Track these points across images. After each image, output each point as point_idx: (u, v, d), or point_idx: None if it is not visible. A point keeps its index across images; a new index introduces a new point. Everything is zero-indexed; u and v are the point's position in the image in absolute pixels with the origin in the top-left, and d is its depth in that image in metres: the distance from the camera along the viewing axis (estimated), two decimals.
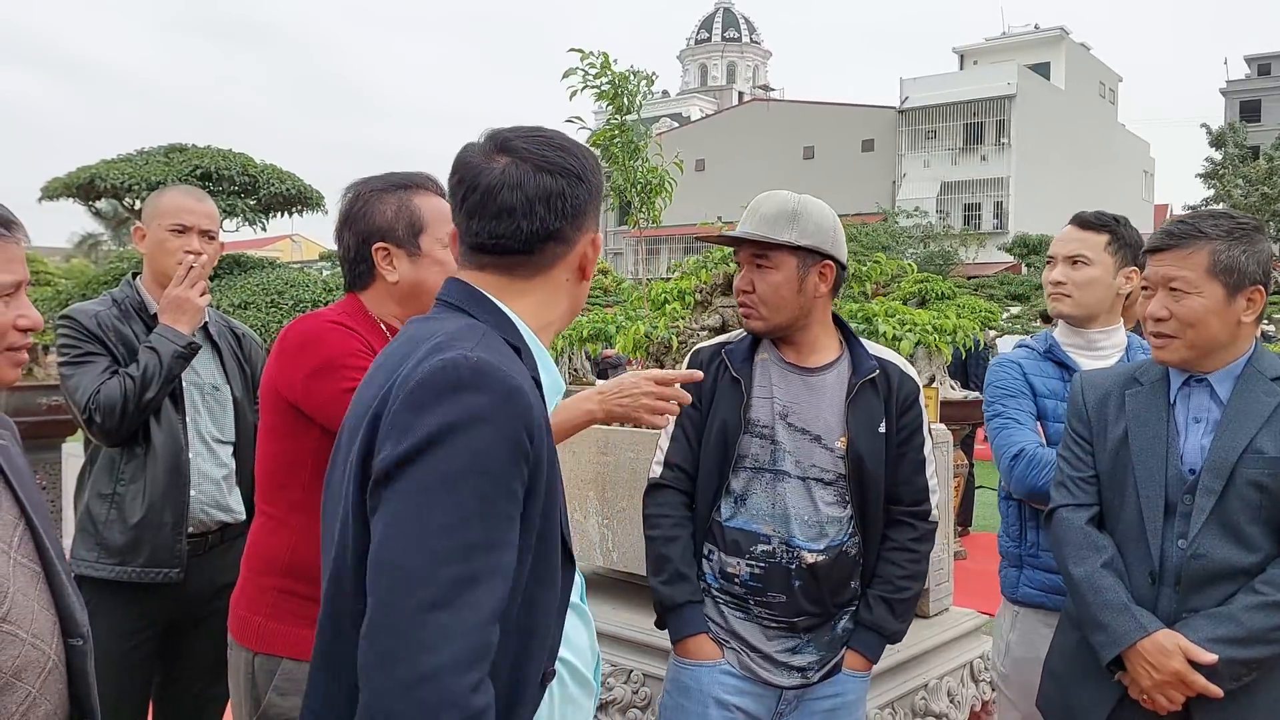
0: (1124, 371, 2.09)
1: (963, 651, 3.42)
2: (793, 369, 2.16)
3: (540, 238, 1.27)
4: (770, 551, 2.10)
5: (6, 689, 1.31)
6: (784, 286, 2.08)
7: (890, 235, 31.97)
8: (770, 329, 2.13)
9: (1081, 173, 45.10)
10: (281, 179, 5.67)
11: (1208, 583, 1.84)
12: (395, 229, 1.89)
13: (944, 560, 3.51)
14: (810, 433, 2.11)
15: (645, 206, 4.11)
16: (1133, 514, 1.93)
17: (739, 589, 2.12)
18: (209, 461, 2.56)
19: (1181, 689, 1.80)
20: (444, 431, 1.07)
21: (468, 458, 1.07)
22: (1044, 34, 48.89)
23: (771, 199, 2.14)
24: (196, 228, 2.57)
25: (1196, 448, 1.90)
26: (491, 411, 1.09)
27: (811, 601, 2.10)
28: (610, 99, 4.62)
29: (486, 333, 1.22)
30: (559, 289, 1.33)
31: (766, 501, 2.11)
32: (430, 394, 1.10)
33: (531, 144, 1.28)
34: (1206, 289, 1.85)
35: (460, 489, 1.07)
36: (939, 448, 3.55)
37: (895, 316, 3.20)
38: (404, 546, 1.06)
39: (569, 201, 1.27)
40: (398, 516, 1.07)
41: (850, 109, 48.20)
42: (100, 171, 5.29)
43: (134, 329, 2.49)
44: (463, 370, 1.11)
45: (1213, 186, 31.49)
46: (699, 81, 74.87)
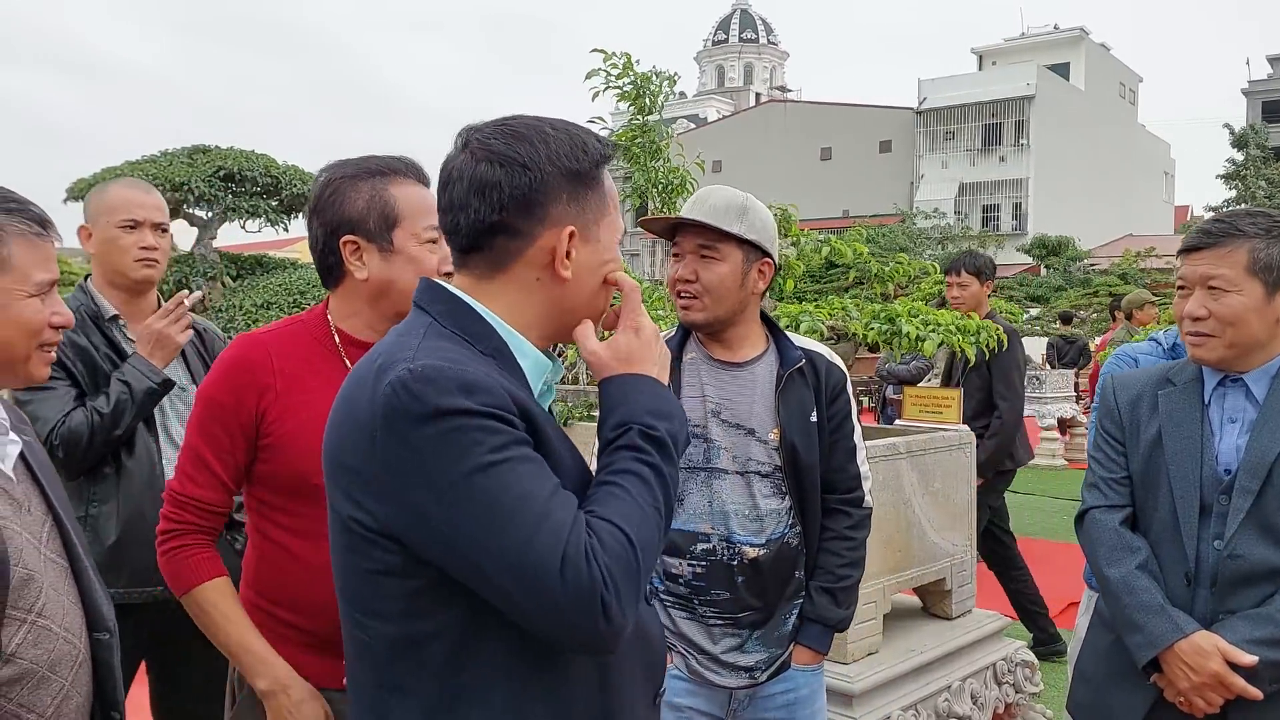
0: (1156, 372, 2.07)
1: (986, 653, 3.40)
2: (721, 365, 2.16)
3: (481, 231, 1.20)
4: (710, 549, 2.10)
5: (43, 682, 1.34)
6: (729, 278, 2.08)
7: (908, 236, 31.85)
8: (709, 320, 2.11)
9: (1101, 174, 44.82)
10: (303, 179, 5.71)
11: (1244, 583, 1.82)
12: (366, 221, 1.70)
13: (967, 562, 3.49)
14: (744, 427, 2.12)
15: (666, 207, 4.10)
16: (1167, 515, 1.92)
17: (683, 589, 2.13)
18: None
19: (1220, 691, 1.78)
20: (422, 450, 1.08)
21: (472, 459, 1.07)
22: (1063, 34, 48.63)
23: (720, 192, 2.14)
24: (148, 221, 2.43)
25: (1232, 448, 1.88)
26: (454, 407, 1.08)
27: (756, 596, 2.10)
28: (632, 100, 4.63)
29: (429, 328, 1.19)
30: (528, 289, 1.24)
31: (703, 500, 2.11)
32: (393, 419, 1.09)
33: (486, 135, 1.21)
34: (1246, 287, 1.84)
35: (477, 478, 1.07)
36: (962, 449, 3.54)
37: (919, 317, 3.19)
38: (472, 547, 1.08)
39: (506, 192, 1.18)
40: (449, 532, 1.09)
41: (868, 110, 48.08)
42: (124, 172, 5.35)
43: (91, 340, 2.36)
44: (412, 385, 1.08)
45: (1234, 187, 31.21)
46: (716, 83, 74.84)
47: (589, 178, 1.25)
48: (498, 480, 1.08)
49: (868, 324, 3.16)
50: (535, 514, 1.07)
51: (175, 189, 5.28)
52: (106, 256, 2.40)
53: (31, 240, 1.44)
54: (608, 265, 1.29)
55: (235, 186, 5.46)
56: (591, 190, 1.25)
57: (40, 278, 1.45)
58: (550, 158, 1.21)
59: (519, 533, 1.06)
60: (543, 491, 1.09)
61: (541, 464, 1.12)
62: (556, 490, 1.11)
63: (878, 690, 2.92)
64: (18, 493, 1.40)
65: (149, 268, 2.43)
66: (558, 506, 1.09)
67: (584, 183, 1.24)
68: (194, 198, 5.27)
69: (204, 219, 5.67)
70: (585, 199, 1.24)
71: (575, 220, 1.23)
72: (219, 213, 5.57)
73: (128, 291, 2.44)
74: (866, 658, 3.02)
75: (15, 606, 1.29)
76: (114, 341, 2.37)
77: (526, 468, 1.10)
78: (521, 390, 1.18)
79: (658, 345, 1.29)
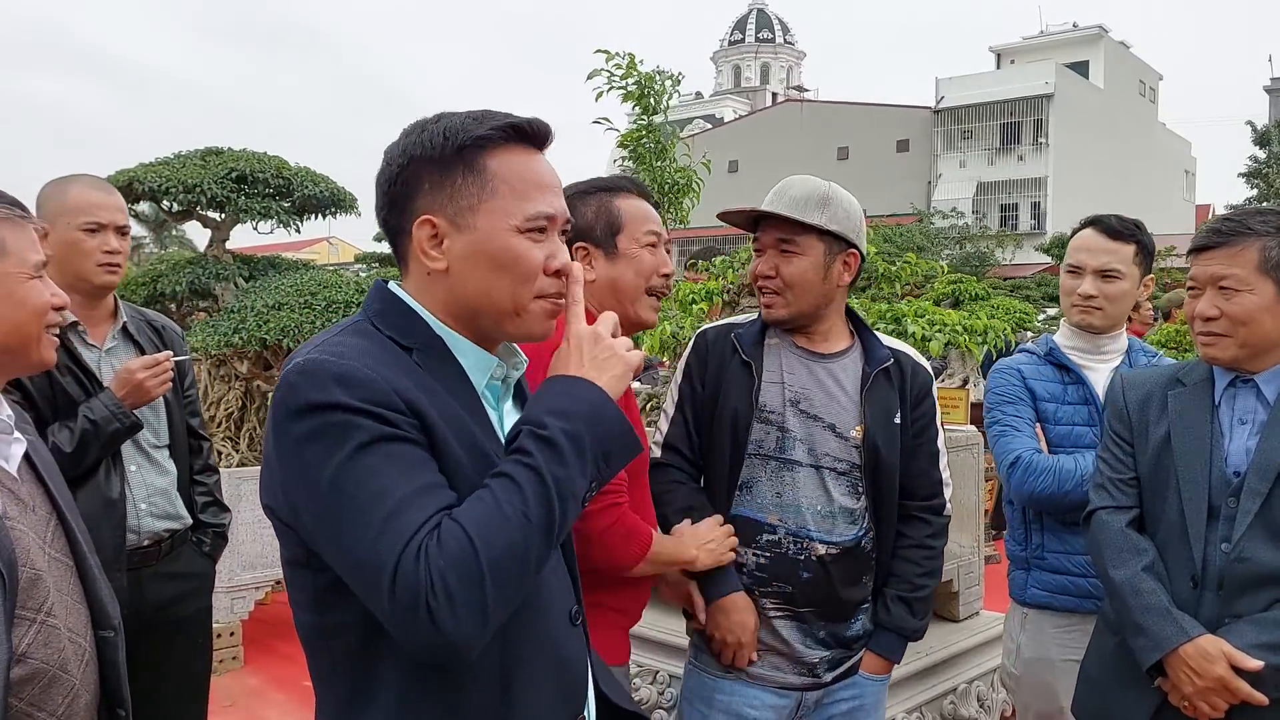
0: (1167, 372, 2.05)
1: (993, 655, 3.38)
2: (805, 354, 2.09)
3: (384, 230, 1.24)
4: (776, 541, 2.04)
5: (54, 681, 1.34)
6: (810, 272, 2.02)
7: (925, 236, 31.66)
8: (791, 317, 2.06)
9: (1121, 173, 44.42)
10: (315, 181, 5.73)
11: (1251, 587, 1.80)
12: (594, 229, 1.93)
13: (974, 564, 3.47)
14: (824, 420, 2.05)
15: (672, 207, 4.10)
16: (1174, 516, 1.89)
17: (745, 579, 2.06)
18: (152, 472, 2.45)
19: (1225, 696, 1.75)
20: (298, 442, 1.08)
21: (331, 444, 1.06)
22: (1082, 32, 48.22)
23: (801, 182, 2.06)
24: (112, 224, 2.34)
25: (1242, 450, 1.85)
26: (326, 400, 1.07)
27: (821, 595, 2.04)
28: (636, 100, 4.63)
29: (351, 325, 1.20)
30: (424, 282, 1.22)
31: (771, 490, 2.05)
32: (276, 414, 1.11)
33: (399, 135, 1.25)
34: (1258, 286, 1.82)
35: (343, 470, 1.06)
36: (969, 450, 3.52)
37: (925, 317, 3.17)
38: (337, 538, 1.07)
39: (382, 188, 1.22)
40: (315, 524, 1.08)
41: (885, 109, 47.83)
42: (138, 175, 5.38)
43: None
44: (291, 377, 1.10)
45: (1256, 185, 30.86)
46: (732, 82, 74.69)
47: (454, 162, 1.18)
48: (354, 476, 1.05)
49: (873, 324, 3.15)
50: (386, 512, 1.05)
51: (188, 191, 5.31)
52: (67, 260, 2.30)
53: (17, 223, 1.45)
54: (503, 250, 1.18)
55: (247, 188, 5.49)
56: (463, 175, 1.18)
57: (34, 259, 1.47)
58: (406, 148, 1.20)
59: (365, 531, 1.04)
60: (402, 490, 1.06)
61: (415, 463, 1.08)
62: (424, 490, 1.07)
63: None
64: (23, 492, 1.41)
65: (111, 273, 2.37)
66: (413, 507, 1.05)
67: (448, 167, 1.18)
68: (206, 199, 5.31)
69: (216, 221, 5.70)
70: (453, 185, 1.18)
71: (439, 209, 1.18)
72: (231, 214, 5.60)
73: (86, 296, 2.37)
74: None
75: (24, 607, 1.30)
76: (73, 351, 2.30)
77: (392, 465, 1.06)
78: (438, 385, 1.15)
79: (594, 346, 1.22)
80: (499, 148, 1.19)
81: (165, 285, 5.40)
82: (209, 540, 2.60)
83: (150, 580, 2.40)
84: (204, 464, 2.65)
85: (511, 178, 1.19)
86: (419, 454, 1.09)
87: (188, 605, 2.52)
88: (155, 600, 2.41)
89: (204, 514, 2.60)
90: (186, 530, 2.53)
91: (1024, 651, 2.46)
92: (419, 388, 1.12)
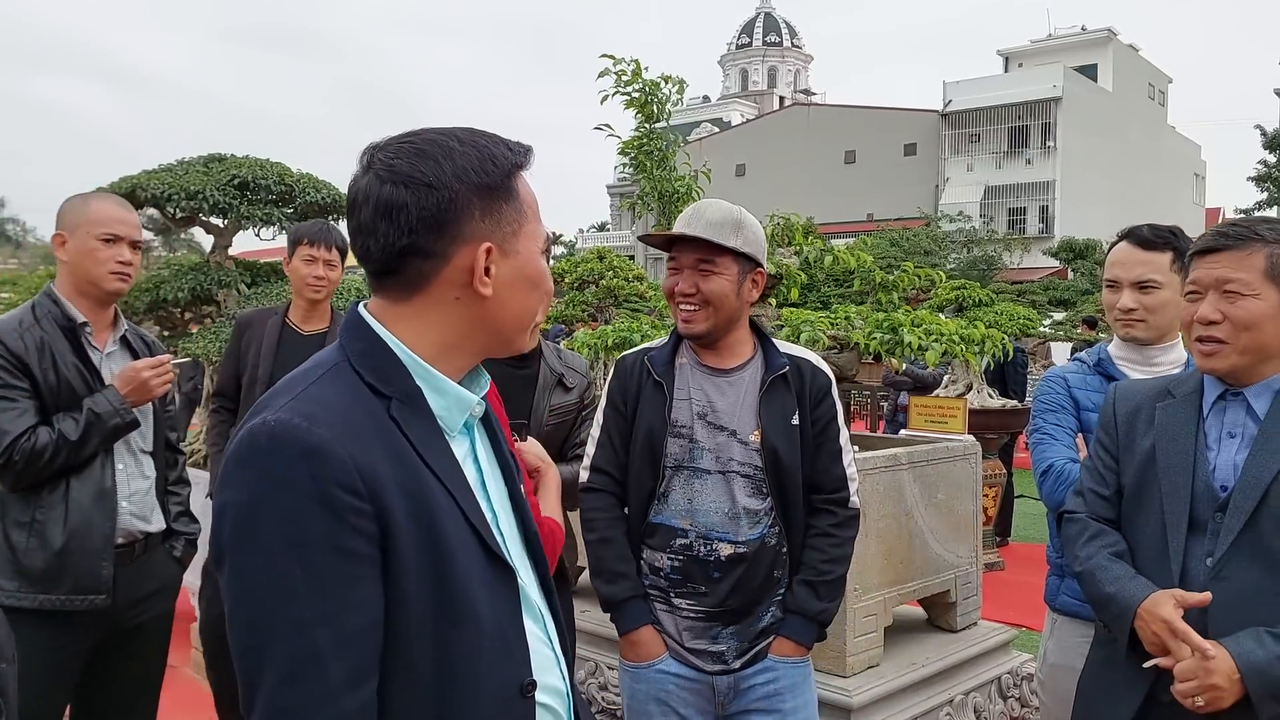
0: (1159, 384, 2.03)
1: (990, 666, 3.37)
2: (710, 370, 2.26)
3: (392, 255, 1.15)
4: (688, 545, 2.21)
5: None
6: (728, 289, 2.18)
7: (932, 240, 31.62)
8: (708, 331, 2.21)
9: (1130, 176, 44.31)
10: (317, 187, 5.73)
11: (1235, 606, 1.76)
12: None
13: (971, 574, 3.45)
14: (727, 429, 2.21)
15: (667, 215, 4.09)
16: (1155, 529, 1.87)
17: (663, 581, 2.24)
18: (136, 475, 2.56)
19: (1170, 640, 1.72)
20: (245, 509, 1.05)
21: (276, 531, 1.03)
22: (1091, 35, 48.08)
23: (715, 207, 2.24)
24: (128, 238, 2.53)
25: (1229, 464, 1.82)
26: (287, 477, 1.03)
27: (732, 593, 2.18)
28: (640, 107, 4.62)
29: (329, 371, 1.15)
30: (447, 309, 1.19)
31: (684, 498, 2.22)
32: (235, 468, 1.07)
33: (390, 152, 1.16)
34: (1264, 292, 1.78)
35: (278, 564, 1.03)
36: (966, 459, 3.51)
37: (921, 326, 3.16)
38: (245, 634, 1.05)
39: (414, 213, 1.14)
40: (234, 603, 1.06)
41: (892, 113, 47.77)
42: (141, 181, 5.38)
43: (57, 346, 2.42)
44: (259, 438, 1.06)
45: (1266, 189, 30.72)
46: (740, 86, 74.68)
47: (501, 189, 1.19)
48: (286, 582, 1.03)
49: (870, 333, 3.14)
50: (303, 654, 1.02)
51: (190, 197, 5.32)
52: (81, 265, 2.48)
53: None
54: (537, 271, 1.24)
55: (250, 195, 5.50)
56: (506, 202, 1.20)
57: None
58: (457, 174, 1.16)
59: (275, 655, 1.02)
60: (326, 634, 1.03)
61: (350, 582, 1.05)
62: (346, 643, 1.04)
63: (877, 704, 2.90)
64: None
65: (122, 281, 2.53)
66: (331, 665, 1.03)
67: (496, 195, 1.19)
68: (209, 206, 5.31)
69: (219, 227, 5.71)
70: (500, 212, 1.19)
71: (491, 235, 1.18)
72: (234, 221, 5.61)
73: (95, 301, 2.54)
74: (866, 670, 2.99)
75: None
76: (81, 349, 2.47)
77: (327, 585, 1.03)
78: (411, 445, 1.13)
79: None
80: (521, 173, 1.24)
81: (168, 291, 5.40)
82: (180, 547, 2.69)
83: (122, 580, 2.47)
84: (178, 476, 2.77)
85: (531, 202, 1.24)
86: (359, 571, 1.06)
87: (154, 607, 2.60)
88: (125, 599, 2.48)
89: (176, 523, 2.70)
90: (160, 535, 2.62)
91: (1050, 657, 2.47)
92: (388, 456, 1.10)
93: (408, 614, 1.09)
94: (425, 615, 1.10)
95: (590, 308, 11.14)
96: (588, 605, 3.34)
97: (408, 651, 1.09)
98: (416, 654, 1.10)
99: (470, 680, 1.15)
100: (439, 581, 1.11)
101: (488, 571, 1.17)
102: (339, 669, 1.03)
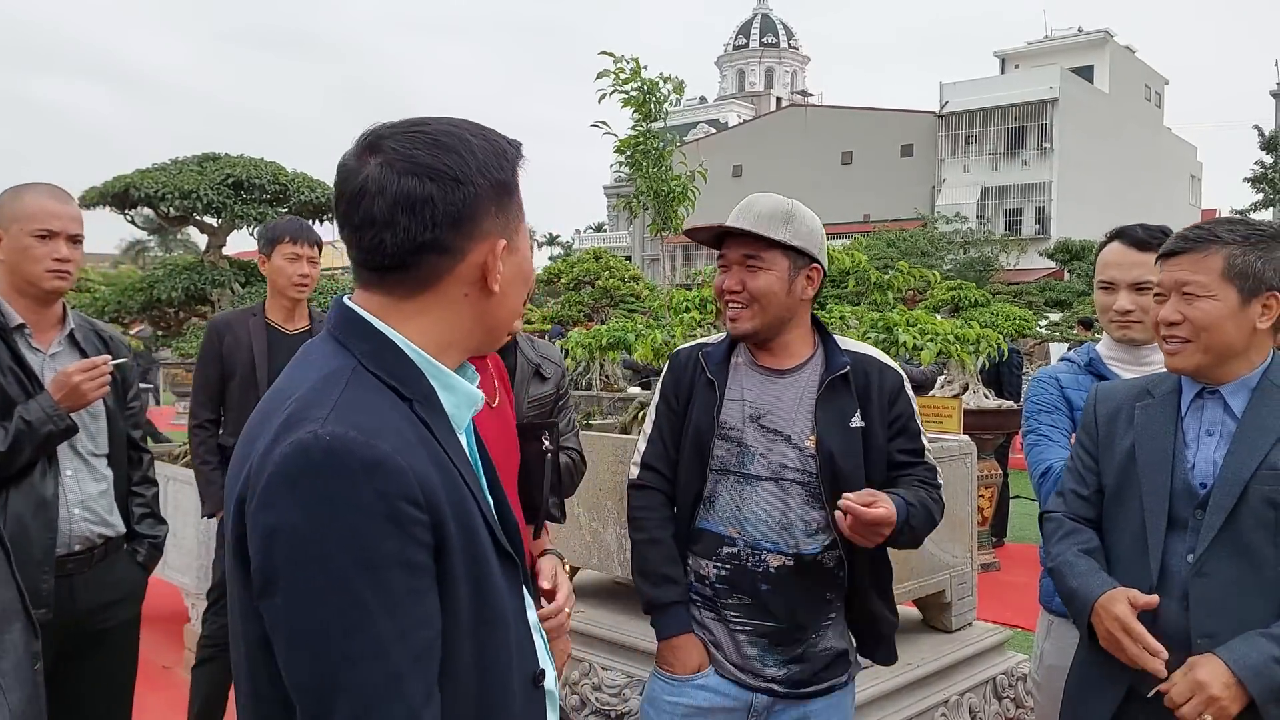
0: (1139, 384, 2.04)
1: (986, 667, 3.36)
2: (764, 371, 2.14)
3: (410, 250, 1.10)
4: (735, 554, 2.09)
5: None
6: (775, 286, 2.06)
7: (929, 241, 31.59)
8: (756, 330, 2.09)
9: (1126, 177, 44.33)
10: (311, 187, 5.72)
11: (1219, 602, 1.77)
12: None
13: (967, 574, 3.45)
14: (782, 433, 2.09)
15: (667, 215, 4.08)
16: (1135, 527, 1.89)
17: (708, 590, 2.13)
18: (88, 479, 2.45)
19: (1126, 639, 1.74)
20: (302, 532, 0.98)
21: (344, 553, 0.98)
22: (1087, 36, 48.13)
23: (765, 199, 2.11)
24: (64, 233, 2.37)
25: (1209, 461, 1.84)
26: (352, 495, 0.98)
27: (781, 608, 2.06)
28: (637, 106, 4.60)
29: (352, 375, 1.09)
30: (455, 305, 1.16)
31: (731, 504, 2.10)
32: (285, 488, 0.99)
33: (404, 141, 1.10)
34: (1220, 292, 1.81)
35: (349, 588, 0.97)
36: (962, 460, 3.50)
37: (916, 326, 3.15)
38: (312, 665, 0.98)
39: (440, 208, 1.09)
40: (293, 634, 0.99)
41: (889, 114, 47.78)
42: (134, 180, 5.37)
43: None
44: (314, 454, 0.99)
45: (1262, 190, 30.76)
46: (737, 87, 74.74)
47: (511, 185, 1.17)
48: (358, 606, 0.98)
49: (864, 333, 3.12)
50: (382, 675, 0.98)
51: (184, 196, 5.30)
52: (17, 264, 2.36)
53: None
54: (529, 266, 1.25)
55: (244, 194, 5.49)
56: (511, 198, 1.18)
57: None
58: (480, 169, 1.13)
59: (354, 683, 0.98)
60: (399, 652, 0.99)
61: (418, 598, 1.02)
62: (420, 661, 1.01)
63: (871, 705, 2.88)
64: None
65: (60, 279, 2.40)
66: (408, 682, 1.00)
67: (507, 191, 1.17)
68: (202, 205, 5.30)
69: (213, 226, 5.70)
70: (508, 208, 1.17)
71: (503, 231, 1.16)
72: (227, 220, 5.60)
73: (35, 300, 2.41)
74: (861, 671, 2.97)
75: None
76: (17, 352, 2.33)
77: (398, 605, 1.00)
78: (443, 450, 1.10)
79: None
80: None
81: (161, 291, 5.39)
82: (144, 550, 2.61)
83: (82, 587, 2.41)
84: (143, 476, 2.67)
85: (520, 199, 1.22)
86: (423, 584, 1.03)
87: (118, 614, 2.52)
88: (86, 606, 2.42)
89: (140, 525, 2.61)
90: (121, 539, 2.54)
91: (1046, 658, 2.46)
92: (433, 462, 1.07)
93: (457, 621, 1.07)
94: (469, 620, 1.09)
95: (586, 308, 11.14)
96: (582, 605, 3.32)
97: (455, 658, 1.08)
98: (461, 659, 1.08)
99: (503, 679, 1.15)
100: (477, 585, 1.10)
101: (502, 568, 1.16)
102: (417, 687, 1.01)
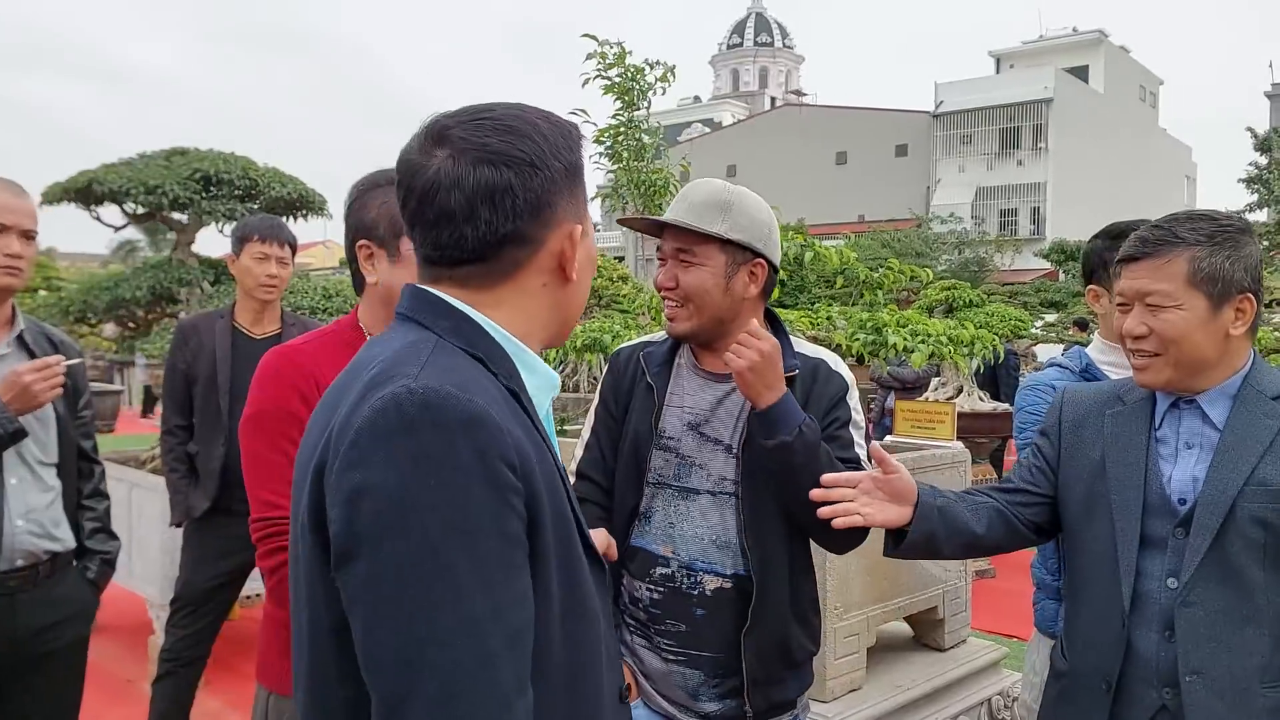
0: (1109, 389, 1.85)
1: (980, 688, 3.19)
2: (706, 375, 1.95)
3: (491, 243, 1.04)
4: (669, 575, 1.89)
5: None
6: (710, 283, 1.86)
7: (924, 241, 31.50)
8: (693, 330, 1.91)
9: (1121, 178, 44.28)
10: (283, 182, 5.53)
11: (1209, 635, 1.58)
12: (377, 227, 1.79)
13: (961, 590, 3.27)
14: (722, 442, 1.89)
15: (647, 208, 3.90)
16: (1104, 546, 1.70)
17: (642, 614, 1.93)
18: (35, 489, 2.32)
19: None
20: (395, 492, 0.89)
21: (438, 516, 0.88)
22: (1082, 37, 48.11)
23: (704, 186, 1.91)
24: (17, 227, 2.26)
25: (1188, 477, 1.65)
26: (449, 453, 0.90)
27: (717, 637, 1.85)
28: (621, 93, 4.41)
29: (437, 344, 1.02)
30: (534, 296, 1.10)
31: (665, 520, 1.91)
32: (375, 445, 0.91)
33: (472, 130, 1.04)
34: (1187, 301, 1.61)
35: (440, 555, 0.88)
36: (955, 468, 3.32)
37: (907, 327, 2.98)
38: (394, 640, 0.88)
39: (520, 196, 1.03)
40: (378, 603, 0.89)
41: (884, 114, 47.69)
42: (98, 176, 5.17)
43: None
44: (407, 408, 0.91)
45: (1256, 191, 30.73)
46: (731, 86, 74.63)
47: (580, 168, 1.12)
48: (437, 568, 0.88)
49: (853, 334, 2.95)
50: (476, 657, 0.88)
51: (150, 192, 5.12)
52: None
53: None
54: (595, 253, 1.20)
55: (213, 190, 5.30)
56: (580, 181, 1.12)
57: None
58: (554, 153, 1.07)
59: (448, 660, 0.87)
60: (495, 632, 0.89)
61: (511, 572, 0.92)
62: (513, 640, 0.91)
63: None
64: None
65: (11, 276, 2.28)
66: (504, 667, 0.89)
67: (578, 174, 1.11)
68: (169, 201, 5.11)
69: (181, 223, 5.51)
70: (578, 193, 1.12)
71: (577, 217, 1.12)
72: (195, 217, 5.40)
73: None
74: (848, 695, 2.80)
75: None
76: None
77: (493, 577, 0.90)
78: (529, 431, 1.01)
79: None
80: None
81: (126, 290, 5.20)
82: (94, 567, 2.47)
83: (26, 605, 2.27)
84: (94, 488, 2.54)
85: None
86: (518, 560, 0.94)
87: (65, 633, 2.38)
88: (31, 625, 2.28)
89: (90, 540, 2.48)
90: (70, 554, 2.40)
91: (1039, 679, 2.29)
92: (526, 436, 0.99)
93: (549, 609, 0.98)
94: (562, 610, 1.00)
95: None
96: None
97: (547, 651, 0.97)
98: (554, 655, 0.99)
99: (596, 685, 1.06)
100: (569, 571, 1.02)
101: (590, 566, 1.09)
102: (509, 672, 0.90)
